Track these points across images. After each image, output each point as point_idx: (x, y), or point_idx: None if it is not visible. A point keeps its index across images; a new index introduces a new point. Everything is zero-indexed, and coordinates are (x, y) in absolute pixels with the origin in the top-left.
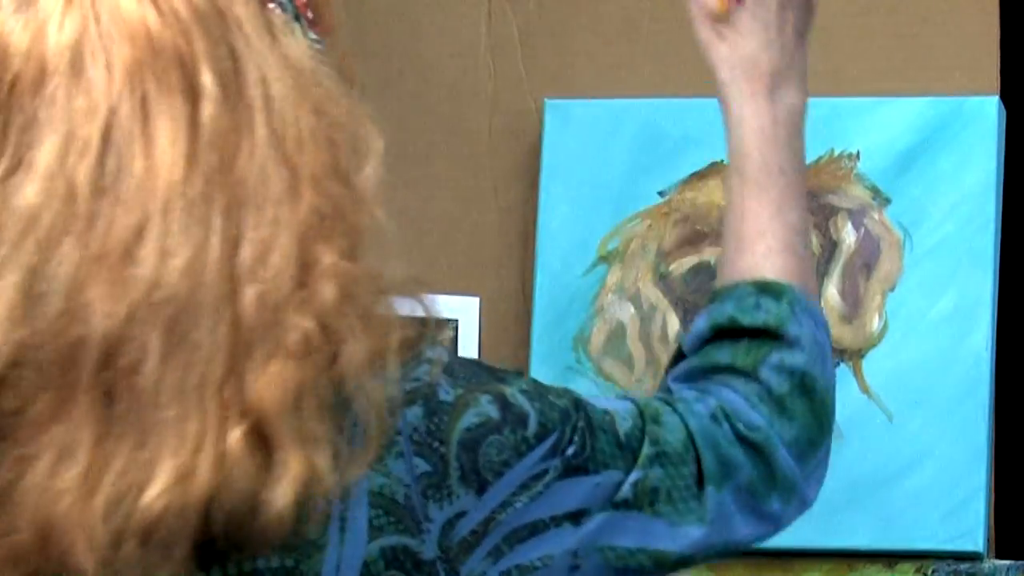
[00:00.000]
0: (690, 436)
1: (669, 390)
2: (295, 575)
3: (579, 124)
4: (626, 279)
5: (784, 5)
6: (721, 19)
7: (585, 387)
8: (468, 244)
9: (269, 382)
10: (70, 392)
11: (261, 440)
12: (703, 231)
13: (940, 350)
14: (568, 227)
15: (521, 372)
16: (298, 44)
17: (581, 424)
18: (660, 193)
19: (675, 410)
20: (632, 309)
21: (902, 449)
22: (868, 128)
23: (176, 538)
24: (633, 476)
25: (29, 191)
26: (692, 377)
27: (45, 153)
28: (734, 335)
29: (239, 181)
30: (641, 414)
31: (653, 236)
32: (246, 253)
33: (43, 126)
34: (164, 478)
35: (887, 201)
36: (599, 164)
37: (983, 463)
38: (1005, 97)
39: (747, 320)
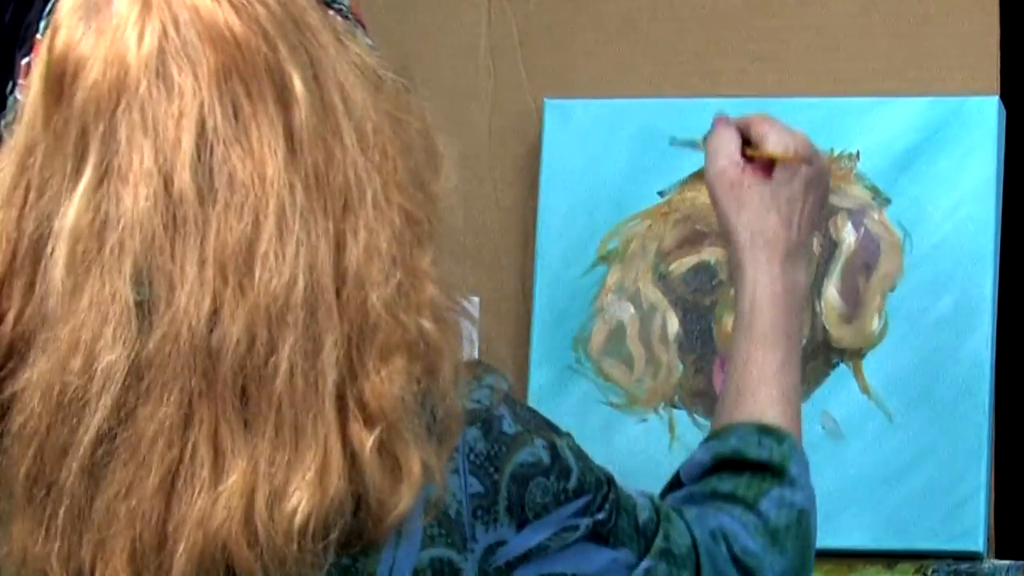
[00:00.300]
0: (694, 544)
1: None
2: (350, 573)
3: (579, 124)
4: (626, 279)
5: (808, 187)
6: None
7: (585, 387)
8: (468, 244)
9: (386, 381)
10: (207, 397)
11: (387, 443)
12: (703, 231)
13: (940, 350)
14: (568, 227)
15: (570, 433)
16: (364, 50)
17: (612, 496)
18: (660, 193)
19: (682, 517)
20: (632, 309)
21: (902, 449)
22: (868, 128)
23: (327, 535)
24: (645, 563)
25: (130, 197)
26: (691, 502)
27: (139, 160)
28: (736, 467)
29: (336, 186)
30: (657, 510)
31: (653, 236)
32: (352, 257)
33: (132, 134)
34: (307, 479)
35: (887, 201)
36: (599, 164)
37: (983, 463)
38: (1005, 97)
39: (751, 454)
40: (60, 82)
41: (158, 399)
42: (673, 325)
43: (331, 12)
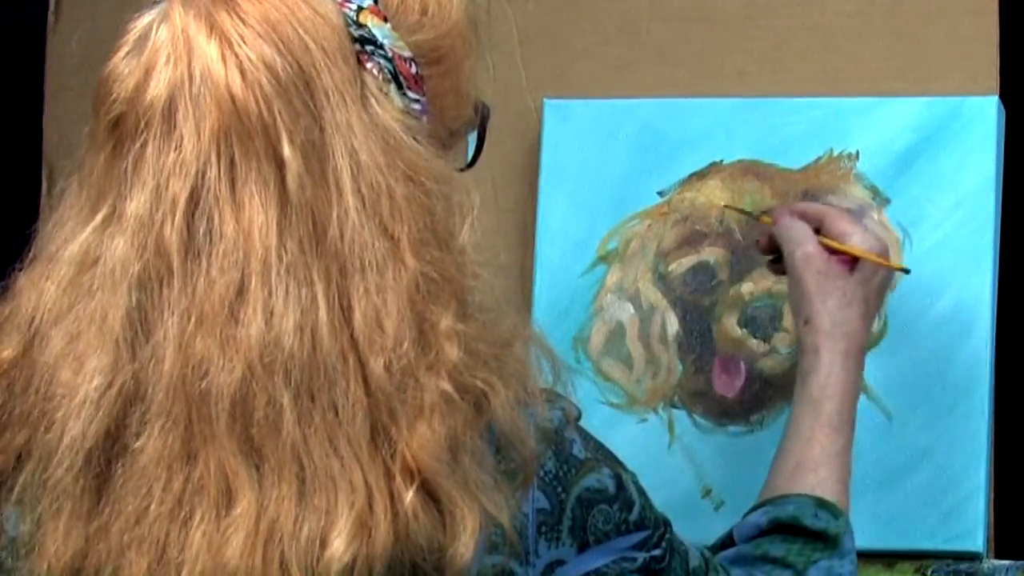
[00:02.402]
0: None
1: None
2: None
3: (578, 124)
4: (625, 279)
5: (880, 290)
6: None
7: (585, 387)
8: None
9: (422, 441)
10: (210, 438)
11: (432, 498)
12: (702, 231)
13: (940, 350)
14: (568, 227)
15: (634, 471)
16: (389, 109)
17: (668, 537)
18: (659, 193)
19: (726, 571)
20: (631, 309)
21: (902, 449)
22: (868, 128)
23: None
24: None
25: (119, 243)
26: (740, 562)
27: (134, 206)
28: (791, 532)
29: (334, 248)
30: (706, 560)
31: (652, 236)
32: (360, 319)
33: (135, 178)
34: (346, 528)
35: (887, 201)
36: (599, 164)
37: (982, 463)
38: (1005, 97)
39: (808, 522)
40: (102, 103)
41: (155, 433)
42: (673, 325)
43: (370, 65)
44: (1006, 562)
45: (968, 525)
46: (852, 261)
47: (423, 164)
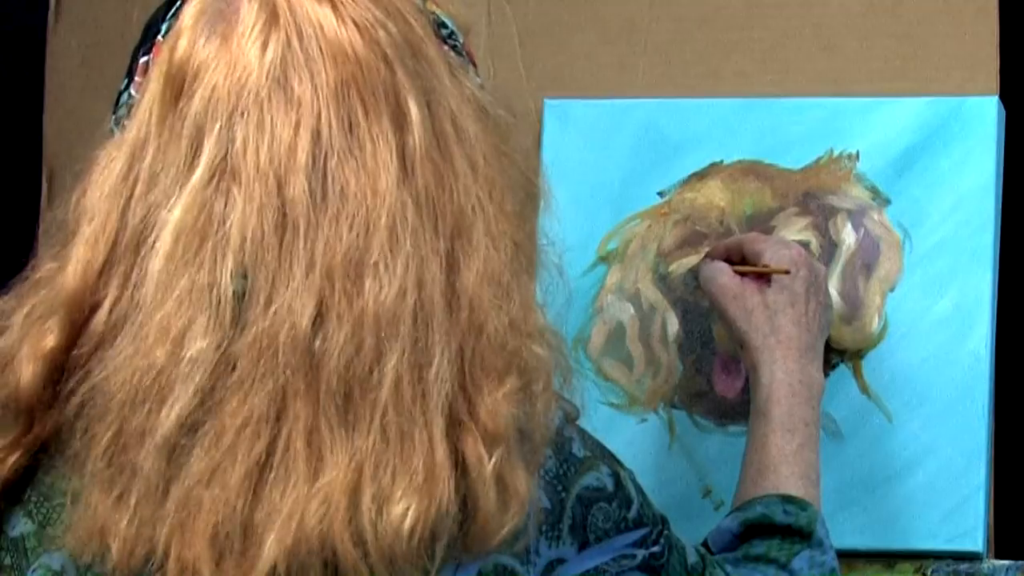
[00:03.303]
0: None
1: None
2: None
3: (579, 124)
4: (626, 279)
5: (808, 290)
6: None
7: (585, 387)
8: None
9: (499, 406)
10: (306, 396)
11: (499, 464)
12: (702, 231)
13: (940, 350)
14: (568, 227)
15: (631, 470)
16: (474, 86)
17: (667, 533)
18: (660, 193)
19: (723, 569)
20: (632, 309)
21: (902, 449)
22: (868, 128)
23: (435, 542)
24: None
25: (242, 196)
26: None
27: (254, 162)
28: (765, 532)
29: (447, 209)
30: (703, 557)
31: (653, 236)
32: (465, 279)
33: (248, 136)
34: (414, 485)
35: (887, 201)
36: (599, 164)
37: (982, 463)
38: (1005, 97)
39: (779, 518)
40: (180, 84)
41: (248, 392)
42: (673, 326)
43: (446, 47)
44: (1006, 562)
45: (968, 525)
46: (767, 277)
47: (507, 139)
